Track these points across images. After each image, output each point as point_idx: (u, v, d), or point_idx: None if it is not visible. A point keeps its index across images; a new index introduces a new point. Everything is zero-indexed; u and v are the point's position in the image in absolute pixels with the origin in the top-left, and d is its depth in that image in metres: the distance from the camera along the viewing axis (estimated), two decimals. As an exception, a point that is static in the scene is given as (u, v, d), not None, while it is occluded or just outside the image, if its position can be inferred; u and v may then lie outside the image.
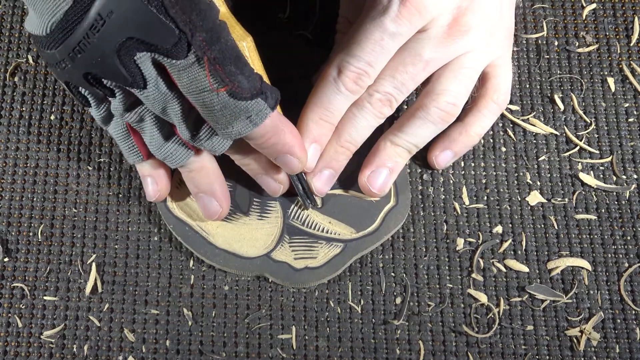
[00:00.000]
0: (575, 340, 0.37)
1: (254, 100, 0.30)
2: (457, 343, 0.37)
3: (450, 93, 0.36)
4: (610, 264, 0.39)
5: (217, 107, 0.30)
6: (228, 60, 0.29)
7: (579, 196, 0.40)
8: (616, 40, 0.43)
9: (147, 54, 0.29)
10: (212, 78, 0.29)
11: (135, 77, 0.30)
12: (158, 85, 0.30)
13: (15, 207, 0.40)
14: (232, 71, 0.29)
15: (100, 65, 0.29)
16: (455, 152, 0.39)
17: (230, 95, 0.29)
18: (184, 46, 0.28)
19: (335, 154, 0.37)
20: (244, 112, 0.30)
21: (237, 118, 0.30)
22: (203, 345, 0.38)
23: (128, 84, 0.30)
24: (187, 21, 0.28)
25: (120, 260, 0.39)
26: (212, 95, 0.29)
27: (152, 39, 0.28)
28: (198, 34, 0.28)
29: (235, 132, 0.31)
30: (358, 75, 0.34)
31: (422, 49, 0.35)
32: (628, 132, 0.41)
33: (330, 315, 0.38)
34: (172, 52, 0.28)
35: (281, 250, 0.38)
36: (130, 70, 0.29)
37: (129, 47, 0.28)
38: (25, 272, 0.39)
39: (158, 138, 0.34)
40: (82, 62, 0.29)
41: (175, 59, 0.29)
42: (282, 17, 0.43)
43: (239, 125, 0.31)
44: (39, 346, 0.38)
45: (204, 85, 0.29)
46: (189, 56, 0.29)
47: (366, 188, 0.38)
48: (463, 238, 0.39)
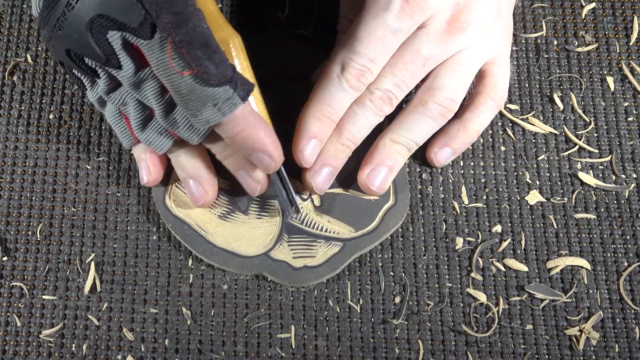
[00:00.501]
0: (574, 339, 0.37)
1: (221, 88, 0.30)
2: (456, 342, 0.37)
3: (448, 89, 0.36)
4: (609, 263, 0.39)
5: (183, 90, 0.30)
6: (195, 44, 0.29)
7: (578, 195, 0.40)
8: (615, 39, 0.43)
9: (118, 33, 0.30)
10: (174, 60, 0.29)
11: (109, 56, 0.31)
12: (131, 65, 0.31)
13: (14, 206, 0.40)
14: (198, 55, 0.29)
15: (77, 43, 0.31)
16: (454, 149, 0.39)
17: (196, 80, 0.29)
18: (149, 26, 0.29)
19: (335, 152, 0.37)
20: (211, 99, 0.30)
21: (205, 104, 0.30)
22: (202, 345, 0.37)
23: (103, 62, 0.31)
24: (153, 2, 0.29)
25: (119, 259, 0.39)
26: (177, 77, 0.30)
27: (119, 16, 0.29)
28: (164, 16, 0.29)
29: (203, 120, 0.31)
30: (361, 72, 0.34)
31: (421, 45, 0.35)
32: (627, 132, 0.41)
33: (329, 315, 0.38)
34: (139, 32, 0.29)
35: (280, 249, 0.38)
36: (103, 49, 0.30)
37: (101, 25, 0.30)
38: (24, 271, 0.39)
39: (139, 122, 0.34)
40: (62, 39, 0.31)
41: (142, 38, 0.30)
42: (281, 17, 0.43)
43: (207, 113, 0.30)
44: (38, 345, 0.38)
45: (167, 67, 0.30)
46: (154, 37, 0.29)
47: (366, 186, 0.38)
48: (462, 237, 0.39)
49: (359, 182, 0.38)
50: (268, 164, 0.34)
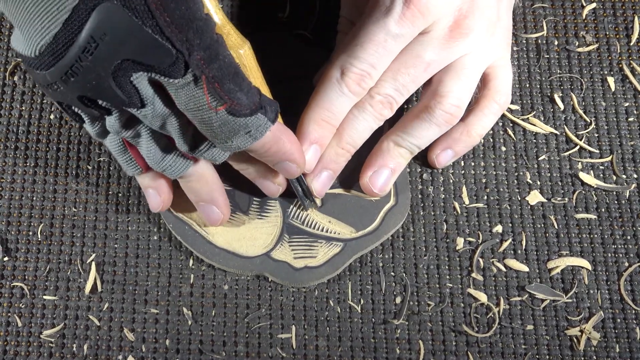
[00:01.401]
0: (575, 339, 0.37)
1: (253, 116, 0.30)
2: (457, 342, 0.37)
3: (454, 95, 0.36)
4: (610, 264, 0.39)
5: (215, 124, 0.29)
6: (226, 77, 0.29)
7: (579, 196, 0.40)
8: (616, 39, 0.43)
9: (144, 74, 0.28)
10: (210, 97, 0.28)
11: (132, 98, 0.29)
12: (155, 103, 0.29)
13: (15, 207, 0.40)
14: (230, 89, 0.29)
15: (96, 88, 0.28)
16: (456, 151, 0.39)
17: (229, 113, 0.29)
18: (182, 65, 0.28)
19: (335, 156, 0.37)
20: (243, 128, 0.30)
21: (237, 134, 0.30)
22: (203, 345, 0.37)
23: (125, 104, 0.29)
24: (183, 40, 0.27)
25: (119, 259, 0.39)
26: (210, 113, 0.29)
27: (148, 60, 0.27)
28: (196, 53, 0.27)
29: (234, 147, 0.31)
30: (361, 77, 0.34)
31: (423, 51, 0.35)
32: (628, 132, 0.41)
33: (330, 315, 0.38)
34: (170, 72, 0.28)
35: (281, 250, 0.38)
36: (126, 91, 0.28)
37: (125, 68, 0.28)
38: (25, 271, 0.39)
39: (156, 151, 0.33)
40: (76, 85, 0.28)
41: (172, 77, 0.28)
42: (281, 17, 0.43)
43: (239, 140, 0.30)
44: (39, 345, 0.38)
45: (202, 103, 0.29)
46: (186, 75, 0.28)
47: (368, 188, 0.38)
48: (463, 237, 0.39)
49: (361, 184, 0.38)
50: (293, 172, 0.34)
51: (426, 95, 0.37)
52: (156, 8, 0.26)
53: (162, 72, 0.28)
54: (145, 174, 0.36)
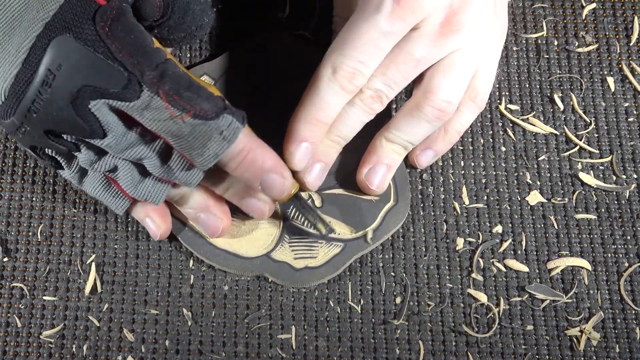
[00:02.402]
0: (575, 340, 0.37)
1: (221, 117, 0.30)
2: (457, 343, 0.37)
3: (444, 91, 0.35)
4: (610, 264, 0.39)
5: (186, 132, 0.30)
6: (182, 88, 0.30)
7: (578, 196, 0.40)
8: (616, 40, 0.43)
9: (101, 101, 0.30)
10: (172, 107, 0.30)
11: (94, 127, 0.30)
12: (117, 132, 0.31)
13: (14, 207, 0.40)
14: (190, 97, 0.30)
15: (58, 120, 0.30)
16: (436, 151, 0.39)
17: (196, 118, 0.30)
18: (136, 87, 0.29)
19: (325, 148, 0.37)
20: (215, 130, 0.30)
21: (210, 137, 0.30)
22: (202, 345, 0.37)
23: (87, 134, 0.31)
24: (134, 63, 0.29)
25: (119, 260, 0.39)
26: (178, 123, 0.30)
27: (102, 83, 0.29)
28: (147, 73, 0.29)
29: (211, 154, 0.30)
30: (353, 75, 0.34)
31: (414, 47, 0.35)
32: (628, 132, 0.41)
33: (330, 315, 0.38)
34: (125, 95, 0.29)
35: (281, 250, 0.38)
36: (87, 120, 0.30)
37: (83, 96, 0.29)
38: (25, 272, 0.39)
39: (131, 181, 0.34)
40: (39, 121, 0.30)
41: (129, 100, 0.30)
42: (281, 17, 0.43)
43: (214, 145, 0.30)
44: (38, 346, 0.38)
45: (166, 116, 0.30)
46: (142, 95, 0.29)
47: (364, 185, 0.38)
48: (463, 238, 0.39)
49: (357, 181, 0.38)
50: (281, 185, 0.33)
51: (417, 91, 0.37)
52: (107, 37, 0.29)
53: (118, 96, 0.30)
54: (136, 206, 0.36)
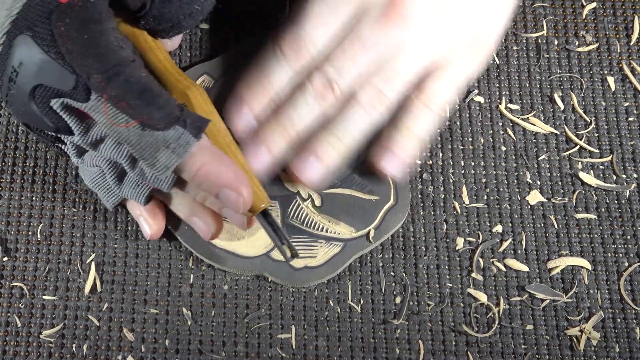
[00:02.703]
0: (575, 339, 0.37)
1: (171, 129, 0.30)
2: (456, 342, 0.37)
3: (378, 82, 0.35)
4: (610, 263, 0.39)
5: (133, 140, 0.30)
6: (131, 94, 0.30)
7: (579, 195, 0.40)
8: (616, 39, 0.43)
9: (59, 100, 0.30)
10: (113, 116, 0.30)
11: (59, 124, 0.32)
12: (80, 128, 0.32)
13: (14, 206, 0.40)
14: (137, 104, 0.30)
15: (25, 115, 0.32)
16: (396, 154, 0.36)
17: (143, 128, 0.30)
18: (83, 89, 0.30)
19: (271, 132, 0.36)
20: (162, 142, 0.30)
21: (158, 149, 0.30)
22: (202, 345, 0.37)
23: (54, 130, 0.32)
24: (83, 65, 0.30)
25: (119, 259, 0.39)
26: (122, 130, 0.30)
27: (54, 84, 0.30)
28: (95, 76, 0.30)
29: (162, 165, 0.30)
30: (293, 40, 0.35)
31: (359, 30, 0.35)
32: (628, 131, 0.41)
33: (330, 315, 0.38)
34: (75, 96, 0.30)
35: (281, 250, 0.38)
36: (50, 117, 0.31)
37: (42, 95, 0.31)
38: (25, 271, 0.39)
39: (114, 180, 0.34)
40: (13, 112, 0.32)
41: (80, 101, 0.30)
42: (281, 17, 0.43)
43: (163, 157, 0.30)
44: (38, 345, 0.38)
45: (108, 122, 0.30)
46: (91, 98, 0.30)
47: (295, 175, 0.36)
48: (463, 237, 0.39)
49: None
50: (236, 201, 0.32)
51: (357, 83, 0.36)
52: (60, 36, 0.30)
53: (70, 96, 0.30)
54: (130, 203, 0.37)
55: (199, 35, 0.43)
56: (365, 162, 0.39)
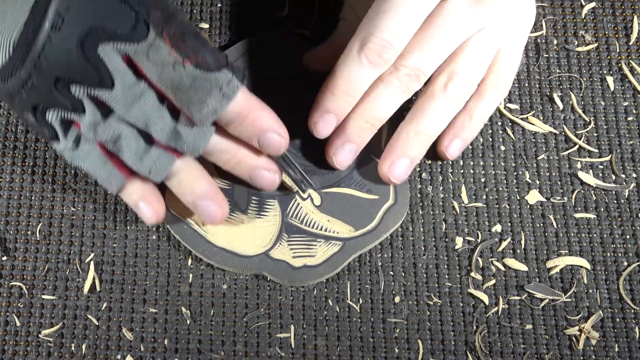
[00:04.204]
0: (574, 339, 0.37)
1: (221, 72, 0.30)
2: (455, 342, 0.37)
3: (466, 71, 0.35)
4: (609, 263, 0.39)
5: (186, 82, 0.30)
6: (188, 35, 0.30)
7: (578, 195, 0.40)
8: (615, 39, 0.43)
9: (110, 45, 0.29)
10: (175, 51, 0.29)
11: (102, 74, 0.30)
12: (126, 79, 0.30)
13: (13, 206, 0.40)
14: (194, 44, 0.30)
15: (67, 66, 0.30)
16: (463, 139, 0.38)
17: (197, 67, 0.30)
18: (143, 26, 0.29)
19: (358, 129, 0.36)
20: (215, 84, 0.30)
21: (210, 93, 0.30)
22: (201, 344, 0.37)
23: (96, 82, 0.30)
24: (140, 2, 0.29)
25: (118, 259, 0.39)
26: (179, 70, 0.30)
27: (111, 24, 0.29)
28: (154, 12, 0.29)
29: (210, 110, 0.31)
30: (382, 47, 0.33)
31: (446, 18, 0.34)
32: (627, 131, 0.41)
33: (329, 314, 0.38)
34: (132, 36, 0.29)
35: (279, 249, 0.38)
36: (95, 66, 0.30)
37: (92, 39, 0.29)
38: (24, 270, 0.39)
39: (136, 150, 0.32)
40: (49, 67, 0.30)
41: (136, 42, 0.29)
42: (281, 16, 0.43)
43: (214, 101, 0.30)
44: (37, 345, 0.37)
45: (169, 60, 0.30)
46: (149, 36, 0.29)
47: (386, 177, 0.37)
48: (462, 237, 0.39)
49: (379, 172, 0.37)
50: (278, 144, 0.33)
51: (437, 74, 0.36)
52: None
53: (126, 37, 0.29)
54: (131, 187, 0.35)
55: (199, 35, 0.43)
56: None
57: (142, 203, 0.35)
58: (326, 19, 0.42)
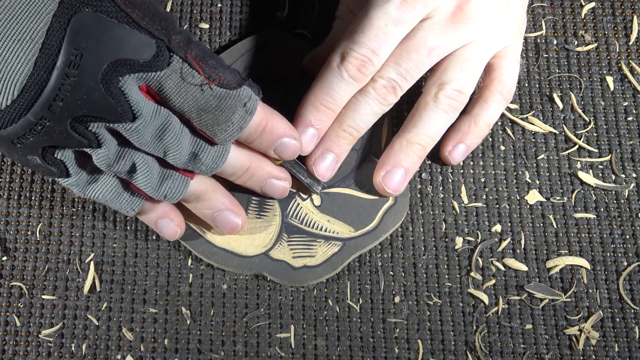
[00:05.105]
0: (574, 339, 0.37)
1: (242, 87, 0.30)
2: (455, 342, 0.37)
3: (457, 82, 0.36)
4: (609, 263, 0.39)
5: (213, 103, 0.30)
6: (207, 55, 0.30)
7: (578, 195, 0.40)
8: (615, 39, 0.43)
9: (131, 76, 0.28)
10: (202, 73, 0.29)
11: (124, 107, 0.28)
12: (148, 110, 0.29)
13: (13, 206, 0.40)
14: (214, 64, 0.30)
15: (87, 104, 0.27)
16: (467, 145, 0.38)
17: (222, 87, 0.30)
18: (165, 53, 0.28)
19: (337, 138, 0.37)
20: (239, 101, 0.30)
21: (235, 110, 0.30)
22: (201, 344, 0.37)
23: (118, 116, 0.28)
24: (159, 29, 0.28)
25: (118, 259, 0.39)
26: (207, 91, 0.29)
27: (133, 54, 0.28)
28: (174, 37, 0.29)
29: (235, 127, 0.31)
30: (362, 63, 0.34)
31: (426, 36, 0.35)
32: (627, 131, 0.41)
33: (329, 314, 0.38)
34: (155, 64, 0.28)
35: (279, 249, 0.38)
36: (118, 100, 0.28)
37: (112, 73, 0.27)
38: (24, 270, 0.39)
39: (151, 178, 0.32)
40: (66, 110, 0.27)
41: (159, 70, 0.28)
42: (280, 16, 0.43)
43: (238, 117, 0.30)
44: (37, 345, 0.38)
45: (195, 83, 0.29)
46: (172, 62, 0.29)
47: (381, 188, 0.37)
48: (462, 237, 0.39)
49: (374, 183, 0.38)
50: (295, 147, 0.34)
51: (429, 85, 0.37)
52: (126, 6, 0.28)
53: (148, 67, 0.28)
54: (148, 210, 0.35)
55: (199, 35, 0.43)
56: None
57: (161, 221, 0.36)
58: (326, 19, 0.42)
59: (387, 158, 0.37)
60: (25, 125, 0.27)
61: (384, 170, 0.37)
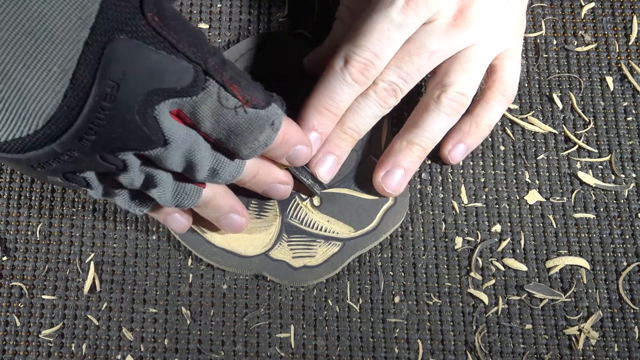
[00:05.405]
0: (573, 339, 0.37)
1: (270, 106, 0.30)
2: (455, 342, 0.37)
3: (459, 84, 0.36)
4: (608, 263, 0.39)
5: (244, 124, 0.29)
6: (239, 76, 0.29)
7: (577, 195, 0.40)
8: (615, 39, 0.43)
9: (166, 103, 0.26)
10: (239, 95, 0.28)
11: (158, 135, 0.27)
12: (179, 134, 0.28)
13: (13, 206, 0.40)
14: (246, 85, 0.29)
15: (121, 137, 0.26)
16: (467, 145, 0.39)
17: (255, 108, 0.29)
18: (202, 77, 0.27)
19: (337, 140, 0.37)
20: (267, 121, 0.30)
21: (263, 129, 0.30)
22: (201, 344, 0.37)
23: (150, 145, 0.27)
24: (195, 51, 0.27)
25: (118, 259, 0.39)
26: (241, 113, 0.29)
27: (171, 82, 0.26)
28: (210, 60, 0.27)
29: (261, 144, 0.30)
30: (364, 66, 0.34)
31: (427, 40, 0.35)
32: (627, 131, 0.41)
33: (329, 314, 0.38)
34: (191, 90, 0.27)
35: (279, 249, 0.38)
36: (152, 129, 0.26)
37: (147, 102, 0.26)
38: (24, 270, 0.39)
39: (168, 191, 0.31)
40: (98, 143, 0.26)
41: (195, 94, 0.27)
42: (280, 16, 0.43)
43: (264, 136, 0.30)
44: (37, 345, 0.38)
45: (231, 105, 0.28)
46: (208, 86, 0.27)
47: (380, 188, 0.38)
48: (462, 237, 0.39)
49: (374, 184, 0.38)
50: (307, 154, 0.34)
51: (431, 87, 0.37)
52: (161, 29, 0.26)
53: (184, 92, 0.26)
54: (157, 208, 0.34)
55: (198, 35, 0.43)
56: None
57: (174, 216, 0.35)
58: (326, 19, 0.42)
59: (387, 158, 0.38)
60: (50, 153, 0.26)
61: (383, 171, 0.37)
